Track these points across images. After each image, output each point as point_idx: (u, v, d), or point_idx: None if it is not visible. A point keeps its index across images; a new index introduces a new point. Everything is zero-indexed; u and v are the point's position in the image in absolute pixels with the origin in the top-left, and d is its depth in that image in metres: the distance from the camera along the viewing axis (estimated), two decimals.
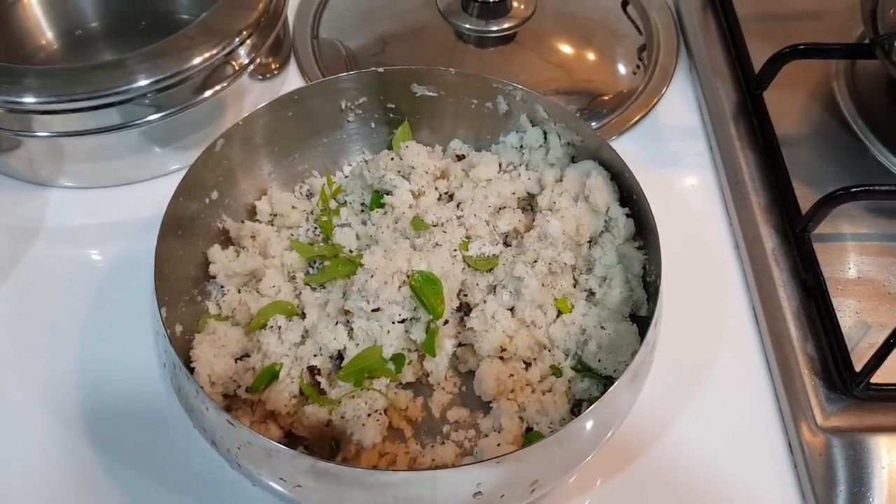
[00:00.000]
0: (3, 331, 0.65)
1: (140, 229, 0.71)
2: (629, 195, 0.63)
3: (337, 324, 0.60)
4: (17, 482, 0.58)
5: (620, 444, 0.59)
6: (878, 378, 0.59)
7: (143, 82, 0.67)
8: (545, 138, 0.69)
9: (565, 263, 0.63)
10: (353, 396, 0.57)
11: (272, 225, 0.68)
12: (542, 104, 0.67)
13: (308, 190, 0.71)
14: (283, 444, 0.47)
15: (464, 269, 0.63)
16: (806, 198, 0.70)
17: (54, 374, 0.63)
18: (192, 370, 0.56)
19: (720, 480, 0.59)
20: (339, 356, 0.60)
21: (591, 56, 0.86)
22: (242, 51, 0.73)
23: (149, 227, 0.70)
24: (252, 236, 0.65)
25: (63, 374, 0.63)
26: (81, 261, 0.69)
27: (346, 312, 0.61)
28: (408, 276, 0.59)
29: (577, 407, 0.59)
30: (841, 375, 0.61)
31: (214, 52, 0.70)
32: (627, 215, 0.63)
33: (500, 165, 0.69)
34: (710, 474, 0.59)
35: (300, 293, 0.63)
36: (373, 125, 0.72)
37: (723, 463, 0.60)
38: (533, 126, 0.69)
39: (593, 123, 0.79)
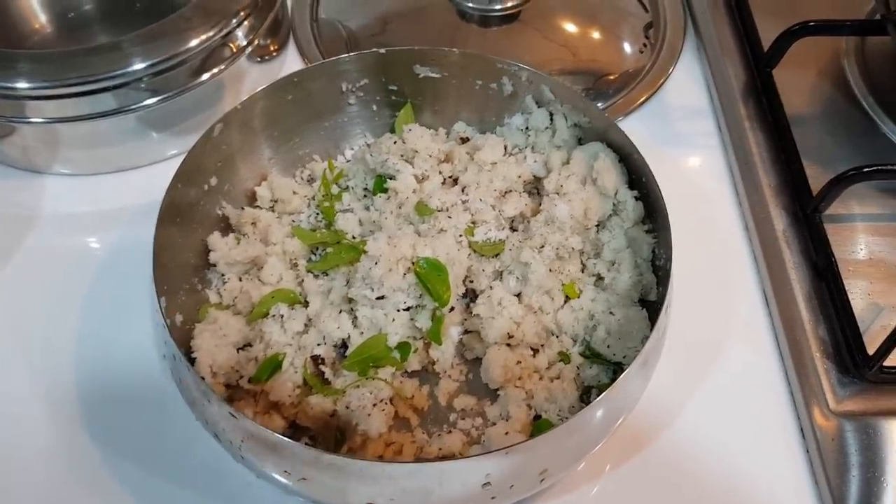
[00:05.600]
0: (0, 320, 0.64)
1: (138, 216, 0.70)
2: (638, 177, 0.62)
3: (340, 312, 0.59)
4: (13, 474, 0.57)
5: (630, 431, 0.58)
6: (891, 361, 0.59)
7: (139, 66, 0.66)
8: (551, 120, 0.67)
9: (573, 248, 0.62)
10: (358, 386, 0.56)
11: (273, 211, 0.66)
12: (548, 85, 0.65)
13: (309, 175, 0.69)
14: (287, 435, 0.46)
15: (469, 254, 0.62)
16: (816, 178, 0.69)
17: (52, 364, 0.62)
18: (192, 360, 0.55)
19: (731, 466, 0.58)
20: (343, 345, 0.59)
21: (596, 35, 0.85)
22: (240, 32, 0.71)
23: (147, 214, 0.68)
24: (253, 223, 0.64)
25: (61, 365, 0.62)
26: (78, 248, 0.68)
27: (350, 300, 0.59)
28: (413, 263, 0.58)
29: (586, 394, 0.58)
30: (854, 359, 0.60)
31: (211, 33, 0.69)
32: (636, 198, 0.62)
33: (505, 148, 0.68)
34: (722, 460, 0.58)
35: (302, 280, 0.62)
36: (374, 108, 0.70)
37: (734, 449, 0.59)
38: (539, 107, 0.67)
39: (599, 104, 0.77)
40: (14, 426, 0.59)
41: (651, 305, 0.60)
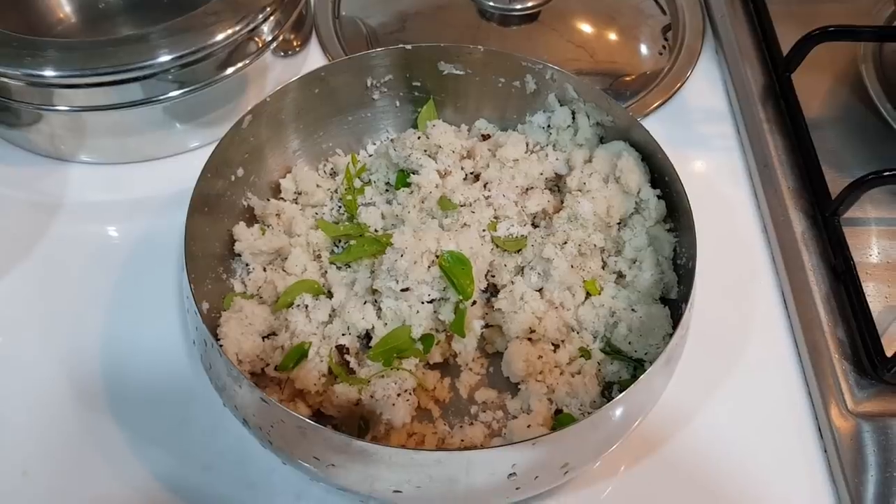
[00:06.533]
0: (26, 307, 0.64)
1: (161, 206, 0.70)
2: (660, 176, 0.63)
3: (365, 303, 0.60)
4: (40, 459, 0.57)
5: (646, 429, 0.58)
6: None
7: (166, 58, 0.66)
8: (573, 118, 0.68)
9: (595, 245, 0.62)
10: (383, 376, 0.57)
11: (297, 203, 0.67)
12: (572, 83, 0.66)
13: (332, 168, 0.70)
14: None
15: (492, 249, 0.62)
16: (834, 181, 0.69)
17: (77, 350, 0.62)
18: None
19: (749, 465, 0.59)
20: (367, 335, 0.60)
21: (614, 36, 0.85)
22: (266, 27, 0.72)
23: (170, 204, 0.70)
24: (277, 214, 0.65)
25: (86, 351, 0.62)
26: (103, 237, 0.69)
27: (374, 292, 0.60)
28: (437, 256, 0.58)
29: (606, 389, 0.59)
30: (871, 360, 0.60)
31: (238, 28, 0.69)
32: (659, 197, 0.63)
33: (526, 145, 0.68)
34: (739, 459, 0.59)
35: (326, 272, 0.63)
36: (398, 103, 0.71)
37: (752, 448, 0.59)
38: (561, 106, 0.68)
39: None
40: (38, 412, 0.59)
41: (672, 303, 0.61)
